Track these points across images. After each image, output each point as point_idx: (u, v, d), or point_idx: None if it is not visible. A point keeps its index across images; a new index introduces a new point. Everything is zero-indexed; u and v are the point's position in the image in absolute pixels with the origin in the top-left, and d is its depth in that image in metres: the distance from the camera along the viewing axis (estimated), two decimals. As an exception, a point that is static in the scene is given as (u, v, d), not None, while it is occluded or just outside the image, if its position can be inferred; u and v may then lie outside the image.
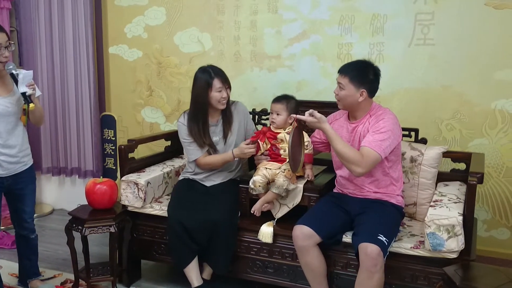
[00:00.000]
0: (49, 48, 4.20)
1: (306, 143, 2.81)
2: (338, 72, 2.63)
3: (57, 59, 4.21)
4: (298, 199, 2.77)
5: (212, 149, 3.02)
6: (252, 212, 2.80)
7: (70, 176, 4.42)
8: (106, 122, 4.28)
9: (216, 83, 2.91)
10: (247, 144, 2.86)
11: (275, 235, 2.75)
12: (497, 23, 3.04)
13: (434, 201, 2.59)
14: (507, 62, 3.06)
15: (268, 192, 2.77)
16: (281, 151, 2.85)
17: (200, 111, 2.97)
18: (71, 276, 3.09)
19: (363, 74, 2.58)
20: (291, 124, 2.85)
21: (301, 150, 2.70)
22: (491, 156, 3.15)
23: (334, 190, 2.87)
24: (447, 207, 2.46)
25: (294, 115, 2.61)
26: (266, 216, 2.83)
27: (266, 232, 2.75)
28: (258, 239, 2.77)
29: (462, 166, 2.96)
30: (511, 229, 3.19)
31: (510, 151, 3.12)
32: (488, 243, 3.21)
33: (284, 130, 2.85)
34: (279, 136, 2.85)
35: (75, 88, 4.22)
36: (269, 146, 2.89)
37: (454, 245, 2.35)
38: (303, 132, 2.78)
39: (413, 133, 3.03)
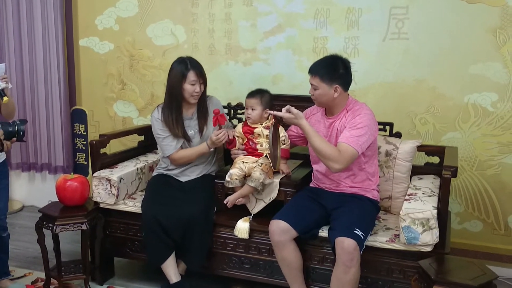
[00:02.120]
0: (17, 40, 4.08)
1: (283, 138, 2.80)
2: (308, 72, 2.61)
3: (26, 52, 4.09)
4: (274, 194, 2.76)
5: (187, 140, 2.98)
6: (225, 203, 2.77)
7: (40, 172, 4.32)
8: (77, 117, 4.19)
9: (191, 75, 2.87)
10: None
11: (252, 230, 2.73)
12: (470, 17, 3.07)
13: (408, 195, 2.60)
14: (480, 57, 3.09)
15: (245, 186, 2.75)
16: (258, 146, 2.83)
17: (174, 101, 2.93)
18: (42, 275, 3.01)
19: (333, 70, 2.56)
20: (267, 118, 2.83)
21: (278, 146, 2.68)
22: (464, 150, 3.19)
23: (311, 185, 2.86)
24: (421, 201, 2.48)
25: (271, 112, 2.59)
26: (242, 211, 2.80)
27: (242, 227, 2.72)
28: (234, 235, 2.75)
29: (435, 159, 2.99)
30: (483, 221, 3.24)
31: (483, 144, 3.16)
32: (461, 236, 3.26)
33: (261, 124, 2.83)
34: (256, 130, 2.83)
35: (44, 81, 4.11)
36: (245, 140, 2.87)
37: (428, 238, 2.37)
38: (280, 126, 2.77)
39: (388, 127, 3.04)
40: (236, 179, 2.75)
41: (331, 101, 2.59)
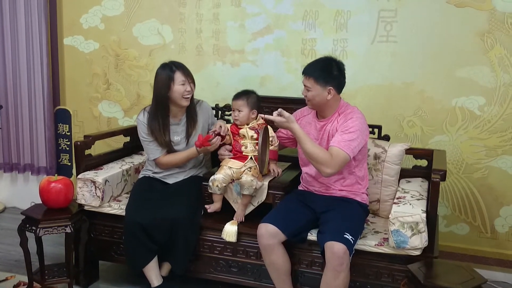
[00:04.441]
0: (-1, 38, 4.00)
1: (270, 138, 2.78)
2: (302, 73, 2.59)
3: (8, 50, 4.00)
4: (263, 197, 2.73)
5: (170, 148, 2.93)
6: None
7: (22, 173, 4.23)
8: (61, 117, 4.13)
9: (178, 76, 2.83)
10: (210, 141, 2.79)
11: (239, 233, 2.70)
12: (458, 21, 3.08)
13: (397, 198, 2.60)
14: (468, 60, 3.10)
15: (243, 197, 2.72)
16: (243, 148, 2.81)
17: (160, 108, 2.88)
18: (25, 279, 2.94)
19: (327, 72, 2.54)
20: (255, 119, 2.81)
21: (267, 150, 2.66)
22: (451, 153, 3.20)
23: (299, 187, 2.84)
24: (410, 204, 2.47)
25: (262, 115, 2.57)
26: (230, 214, 2.77)
27: (230, 231, 2.69)
28: (221, 238, 2.72)
29: (423, 162, 2.98)
30: (470, 224, 3.26)
31: (470, 147, 3.18)
32: (448, 239, 3.26)
33: (248, 125, 2.81)
34: (241, 131, 2.82)
35: (27, 80, 4.03)
36: (232, 142, 2.85)
37: (417, 242, 2.36)
38: (269, 127, 2.75)
39: (376, 130, 3.03)
40: (217, 186, 2.71)
41: (324, 103, 2.58)
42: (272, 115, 2.51)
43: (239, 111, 2.80)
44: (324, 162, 2.42)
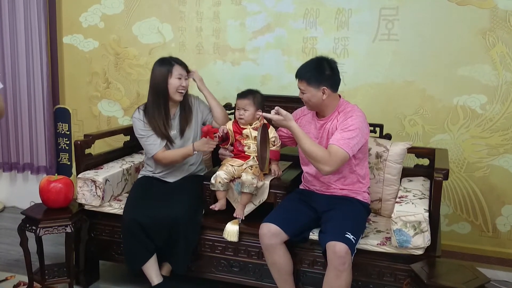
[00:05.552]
0: (-2, 37, 3.98)
1: (273, 139, 2.76)
2: (295, 77, 2.59)
3: (8, 49, 3.98)
4: (264, 197, 2.72)
5: (169, 141, 2.92)
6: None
7: (22, 172, 4.21)
8: (60, 116, 4.11)
9: (176, 69, 2.85)
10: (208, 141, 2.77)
11: (241, 233, 2.68)
12: (460, 19, 3.07)
13: (399, 197, 2.58)
14: (470, 59, 3.09)
15: (242, 195, 2.70)
16: (245, 148, 2.79)
17: (161, 98, 2.87)
18: (25, 278, 2.93)
19: (318, 73, 2.53)
20: (258, 119, 2.80)
21: (267, 148, 2.65)
22: (452, 152, 3.19)
23: (301, 187, 2.83)
24: (412, 203, 2.46)
25: (260, 113, 2.55)
26: (231, 214, 2.75)
27: (231, 230, 2.68)
28: (223, 238, 2.71)
29: (425, 161, 2.97)
30: (471, 223, 3.25)
31: (471, 146, 3.17)
32: (450, 237, 3.26)
33: (251, 125, 2.80)
34: (244, 132, 2.80)
35: (27, 79, 4.01)
36: (234, 141, 2.84)
37: (420, 241, 2.35)
38: (271, 127, 2.73)
39: (378, 129, 3.02)
40: (219, 182, 2.70)
41: (320, 103, 2.56)
42: (270, 113, 2.50)
43: (245, 110, 2.79)
44: (323, 160, 2.41)
